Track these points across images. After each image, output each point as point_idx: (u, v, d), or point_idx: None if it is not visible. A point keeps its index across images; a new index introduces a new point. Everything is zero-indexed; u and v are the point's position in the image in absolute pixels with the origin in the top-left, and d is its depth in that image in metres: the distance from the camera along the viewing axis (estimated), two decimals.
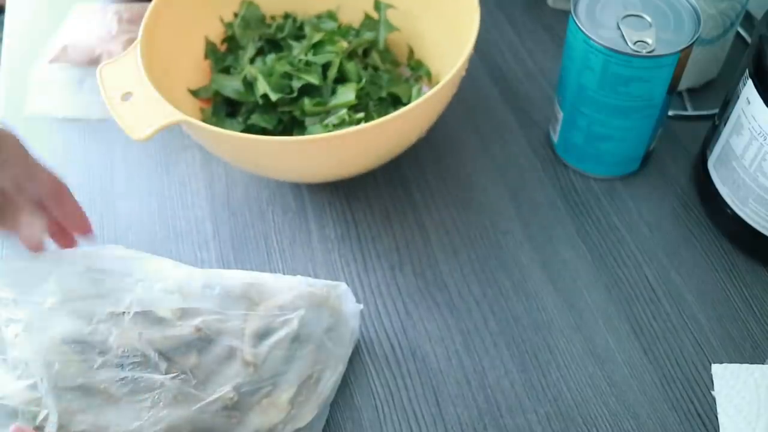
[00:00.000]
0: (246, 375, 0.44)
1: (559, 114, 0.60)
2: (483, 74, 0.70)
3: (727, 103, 0.53)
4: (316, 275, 0.56)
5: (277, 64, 0.60)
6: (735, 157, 0.52)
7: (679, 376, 0.50)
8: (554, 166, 0.62)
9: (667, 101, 0.55)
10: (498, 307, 0.54)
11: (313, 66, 0.60)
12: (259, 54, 0.65)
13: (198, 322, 0.44)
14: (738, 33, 0.70)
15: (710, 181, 0.56)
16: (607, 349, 0.52)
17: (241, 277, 0.47)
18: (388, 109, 0.60)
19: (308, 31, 0.64)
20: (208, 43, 0.65)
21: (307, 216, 0.60)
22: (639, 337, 0.52)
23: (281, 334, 0.45)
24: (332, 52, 0.61)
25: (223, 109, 0.63)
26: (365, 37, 0.64)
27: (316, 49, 0.62)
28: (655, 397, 0.49)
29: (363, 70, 0.62)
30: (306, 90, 0.60)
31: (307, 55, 0.61)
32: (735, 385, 0.49)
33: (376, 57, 0.64)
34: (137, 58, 0.53)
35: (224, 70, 0.64)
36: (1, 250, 0.59)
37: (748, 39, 0.70)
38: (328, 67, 0.60)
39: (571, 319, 0.53)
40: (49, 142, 0.66)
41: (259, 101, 0.60)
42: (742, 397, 0.48)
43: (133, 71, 0.52)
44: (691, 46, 0.51)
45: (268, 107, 0.60)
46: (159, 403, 0.42)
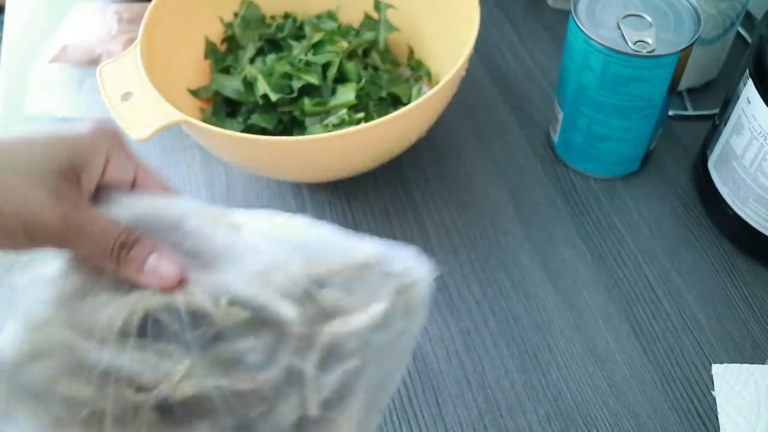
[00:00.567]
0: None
1: (559, 114, 0.60)
2: (483, 74, 0.70)
3: (728, 103, 0.53)
4: None
5: (277, 64, 0.60)
6: (735, 157, 0.52)
7: (679, 376, 0.50)
8: (554, 166, 0.62)
9: (667, 101, 0.55)
10: (498, 307, 0.54)
11: (313, 66, 0.60)
12: (259, 54, 0.65)
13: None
14: (738, 33, 0.70)
15: (710, 181, 0.56)
16: (607, 349, 0.52)
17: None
18: (388, 109, 0.60)
19: (308, 31, 0.64)
20: (208, 43, 0.65)
21: (307, 216, 0.60)
22: (639, 337, 0.52)
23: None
24: (332, 52, 0.61)
25: (223, 109, 0.63)
26: (365, 37, 0.64)
27: (316, 49, 0.62)
28: (655, 397, 0.49)
29: (363, 70, 0.61)
30: (306, 90, 0.59)
31: (307, 55, 0.61)
32: (735, 385, 0.49)
33: (376, 57, 0.64)
34: (137, 58, 0.53)
35: (224, 70, 0.64)
36: None
37: (749, 39, 0.70)
38: (328, 67, 0.60)
39: (571, 319, 0.53)
40: None
41: (259, 101, 0.59)
42: (742, 397, 0.48)
43: (133, 71, 0.52)
44: (691, 46, 0.51)
45: (268, 107, 0.60)
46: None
